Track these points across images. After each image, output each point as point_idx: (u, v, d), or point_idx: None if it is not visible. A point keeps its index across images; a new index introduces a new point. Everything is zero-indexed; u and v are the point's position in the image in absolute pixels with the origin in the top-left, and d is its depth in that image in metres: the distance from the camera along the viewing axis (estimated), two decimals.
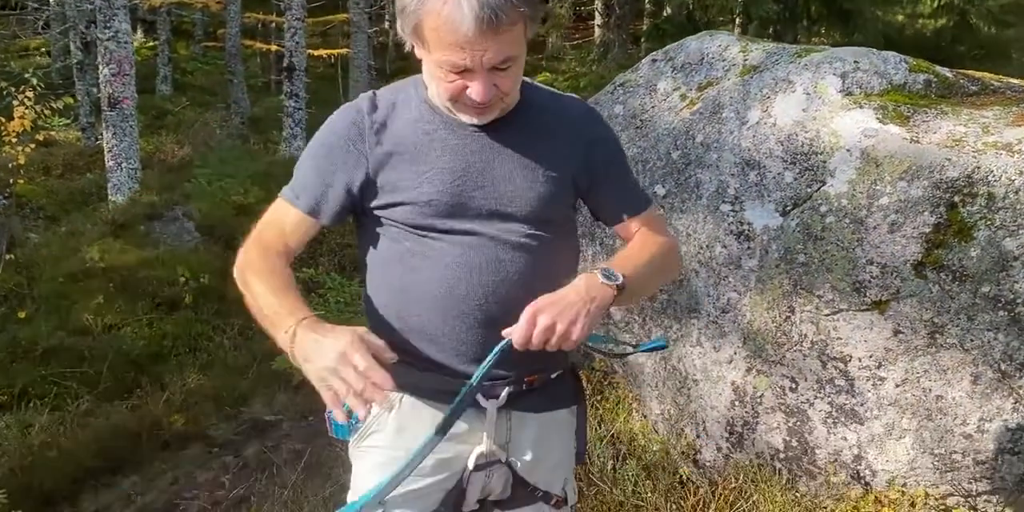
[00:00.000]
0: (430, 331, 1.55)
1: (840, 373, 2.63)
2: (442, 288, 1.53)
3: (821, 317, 2.64)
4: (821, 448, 2.72)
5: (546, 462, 1.70)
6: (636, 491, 3.05)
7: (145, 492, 4.89)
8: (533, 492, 1.69)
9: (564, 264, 1.66)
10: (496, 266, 1.53)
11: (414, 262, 1.54)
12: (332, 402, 1.33)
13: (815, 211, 2.65)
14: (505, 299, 1.53)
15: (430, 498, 1.61)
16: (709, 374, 2.95)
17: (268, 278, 1.51)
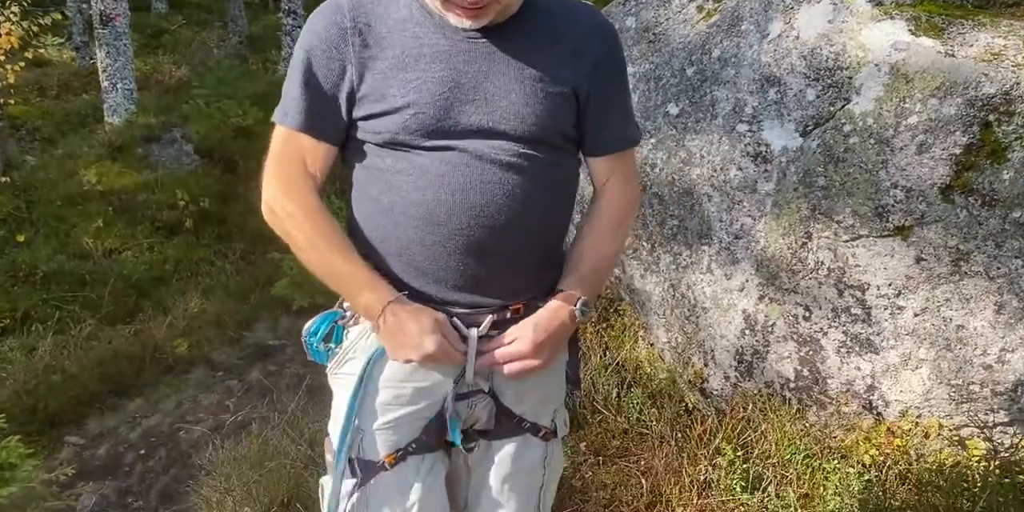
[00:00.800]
0: (411, 256, 1.45)
1: (857, 302, 2.53)
2: (421, 210, 1.41)
3: (839, 243, 2.52)
4: (833, 378, 2.64)
5: (534, 393, 1.61)
6: (641, 419, 2.99)
7: (149, 415, 4.91)
8: (519, 423, 1.61)
9: (561, 191, 1.53)
10: (482, 188, 1.40)
11: (395, 181, 1.42)
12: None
13: (838, 131, 2.49)
14: (492, 225, 1.42)
15: (410, 426, 1.53)
16: (719, 302, 2.85)
17: (321, 235, 1.45)
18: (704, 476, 2.66)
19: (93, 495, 4.15)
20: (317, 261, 1.44)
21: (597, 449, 2.96)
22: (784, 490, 2.53)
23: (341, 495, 1.53)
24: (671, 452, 2.81)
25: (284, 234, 1.46)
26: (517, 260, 1.47)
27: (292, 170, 1.46)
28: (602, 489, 2.78)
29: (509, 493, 1.64)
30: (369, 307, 1.42)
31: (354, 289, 1.44)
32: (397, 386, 1.50)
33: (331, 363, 1.54)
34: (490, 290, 1.47)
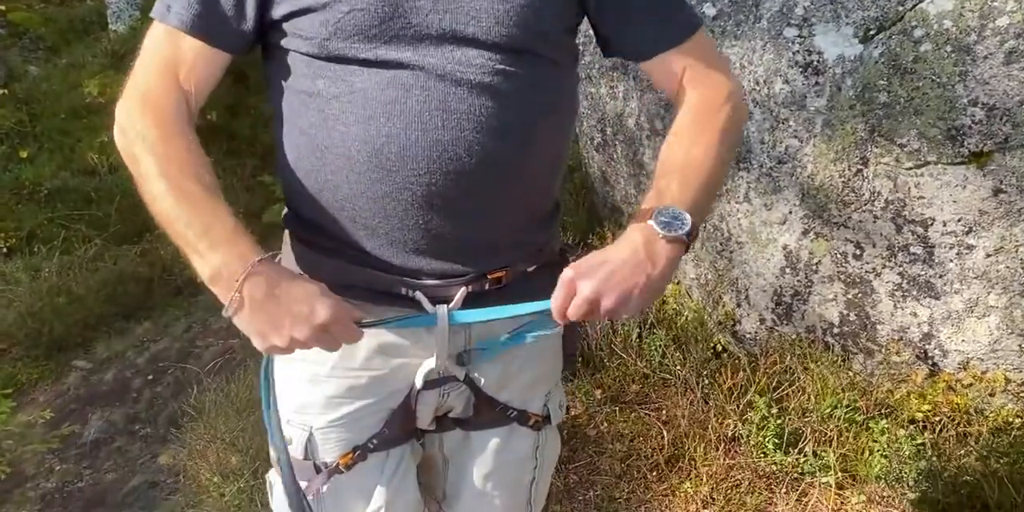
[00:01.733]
0: (356, 211, 1.11)
1: (918, 239, 2.17)
2: (365, 150, 1.07)
3: (901, 171, 2.14)
4: (884, 324, 2.32)
5: (521, 377, 1.32)
6: (664, 363, 2.71)
7: (158, 339, 4.77)
8: (504, 412, 1.32)
9: (552, 119, 1.17)
10: (444, 117, 1.05)
11: (330, 110, 1.08)
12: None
13: (906, 36, 2.08)
14: (460, 170, 1.07)
15: (370, 419, 1.25)
16: (757, 236, 2.50)
17: (176, 164, 1.03)
18: (732, 431, 2.39)
19: (100, 421, 4.04)
20: (162, 199, 1.01)
21: (614, 395, 2.69)
22: (823, 450, 2.25)
23: (290, 501, 1.27)
24: (696, 401, 2.53)
25: (130, 160, 1.07)
26: (495, 214, 1.14)
27: (160, 82, 1.09)
28: (619, 440, 2.53)
29: (493, 491, 1.37)
30: (223, 270, 0.98)
31: (204, 243, 0.98)
32: (349, 375, 1.21)
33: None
34: (462, 254, 1.15)
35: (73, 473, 3.61)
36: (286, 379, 1.24)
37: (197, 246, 0.98)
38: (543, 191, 1.22)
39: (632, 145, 2.91)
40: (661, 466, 2.41)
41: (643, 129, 2.82)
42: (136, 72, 1.11)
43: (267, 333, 0.99)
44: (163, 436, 3.65)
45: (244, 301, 0.97)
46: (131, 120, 1.07)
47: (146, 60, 1.11)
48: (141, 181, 1.04)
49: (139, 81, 1.10)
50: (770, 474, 2.31)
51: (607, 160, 3.16)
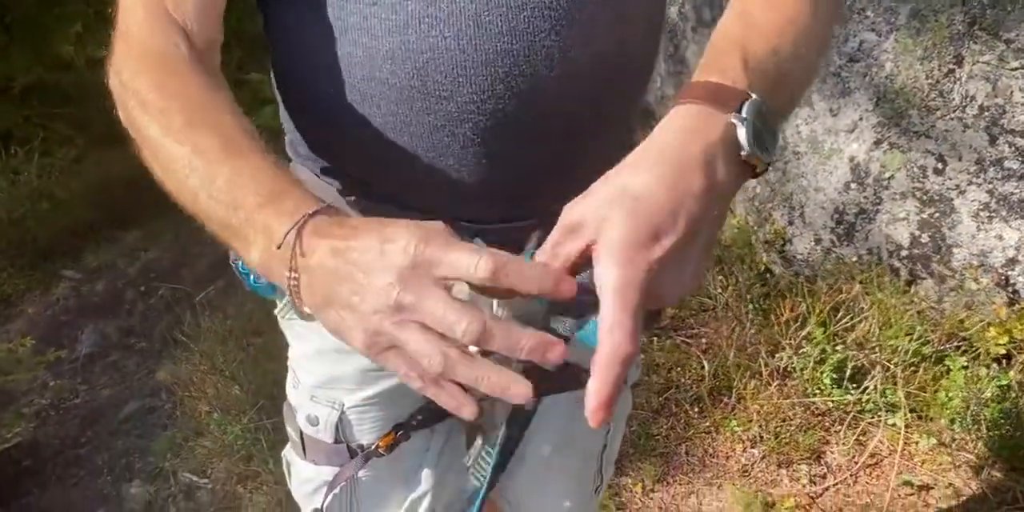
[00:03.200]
0: (393, 149, 0.80)
1: (1015, 152, 1.88)
2: (402, 71, 0.75)
3: (1004, 72, 1.82)
4: (962, 247, 2.05)
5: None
6: (703, 286, 2.46)
7: (149, 248, 4.57)
8: (575, 372, 1.06)
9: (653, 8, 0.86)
10: (512, 17, 0.73)
11: (348, 16, 0.75)
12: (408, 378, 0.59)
13: None
14: (535, 89, 0.76)
15: (411, 397, 0.99)
16: (819, 146, 2.19)
17: (180, 121, 0.68)
18: (785, 364, 2.16)
19: (93, 334, 3.86)
20: (174, 167, 0.67)
21: (646, 321, 2.45)
22: (888, 387, 2.03)
23: (315, 485, 1.03)
24: (738, 329, 2.30)
25: (132, 128, 0.73)
26: (583, 140, 0.84)
27: (145, 22, 0.76)
28: (655, 371, 2.31)
29: (560, 466, 1.14)
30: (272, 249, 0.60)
31: (238, 216, 0.62)
32: None
33: (281, 302, 0.96)
34: (536, 193, 0.84)
35: (68, 389, 3.44)
36: (306, 346, 0.98)
37: (231, 222, 0.63)
38: (634, 100, 0.92)
39: (674, 38, 2.56)
40: (703, 400, 2.20)
41: (687, 20, 2.46)
42: (119, 20, 0.79)
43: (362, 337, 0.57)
44: (159, 351, 3.46)
45: (307, 287, 0.59)
46: (120, 78, 0.76)
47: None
48: (146, 151, 0.72)
49: (121, 29, 0.78)
50: (825, 412, 2.10)
51: None
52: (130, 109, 0.72)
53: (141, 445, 2.70)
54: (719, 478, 2.05)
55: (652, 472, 2.07)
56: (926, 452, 1.96)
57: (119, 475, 2.62)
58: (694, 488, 2.04)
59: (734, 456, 2.10)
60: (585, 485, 1.21)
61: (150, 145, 0.70)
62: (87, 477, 2.70)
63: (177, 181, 0.67)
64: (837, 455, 2.04)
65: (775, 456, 2.06)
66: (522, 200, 0.86)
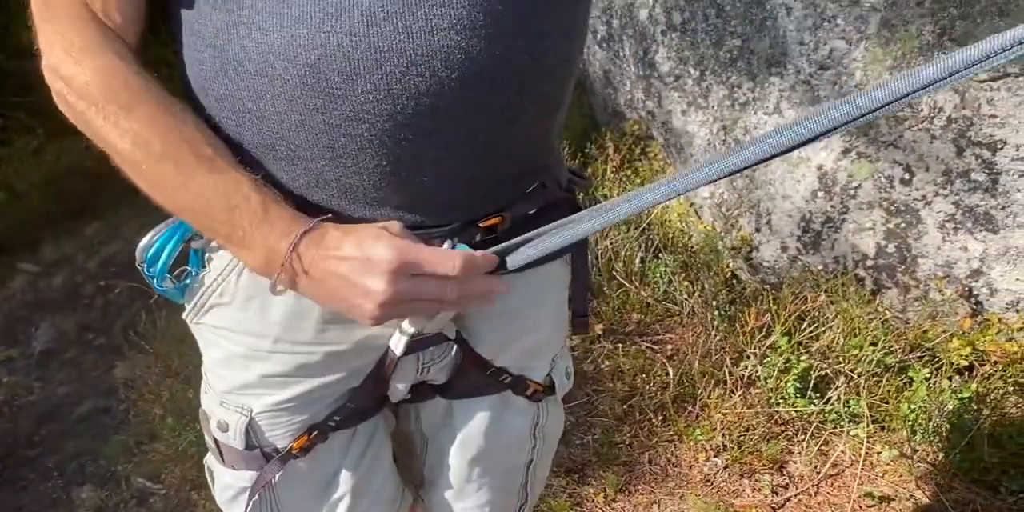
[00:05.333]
0: (290, 150, 0.77)
1: (982, 164, 1.87)
2: (295, 68, 0.71)
3: (972, 84, 1.82)
4: (927, 258, 2.05)
5: (525, 340, 1.03)
6: (669, 292, 2.44)
7: (109, 241, 4.47)
8: (496, 376, 1.04)
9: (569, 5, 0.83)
10: (408, 12, 0.70)
11: (241, 9, 0.71)
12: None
13: None
14: (432, 89, 0.73)
15: (327, 400, 0.96)
16: (787, 154, 2.18)
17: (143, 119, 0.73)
18: (749, 372, 2.15)
19: (50, 329, 3.78)
20: (152, 175, 0.75)
21: (613, 327, 2.43)
22: (853, 398, 2.02)
23: (235, 491, 1.00)
24: (703, 335, 2.28)
25: (86, 128, 0.77)
26: (488, 144, 0.80)
27: (74, 27, 0.75)
28: (619, 378, 2.29)
29: (482, 477, 1.11)
30: (274, 251, 0.73)
31: (233, 240, 0.75)
32: (298, 351, 0.90)
33: (189, 306, 0.92)
34: (441, 200, 0.82)
35: (23, 386, 3.36)
36: (216, 351, 0.94)
37: (229, 237, 0.76)
38: (552, 106, 0.87)
39: (643, 41, 2.53)
40: (667, 408, 2.18)
41: (657, 23, 2.43)
42: (41, 30, 0.77)
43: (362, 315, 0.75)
44: (118, 347, 3.38)
45: (307, 288, 0.76)
46: (67, 70, 0.75)
47: (42, 6, 0.76)
48: (109, 151, 0.77)
49: (51, 36, 0.76)
50: (788, 422, 2.09)
51: (611, 57, 2.78)
52: (82, 110, 0.76)
53: (94, 447, 2.64)
54: (681, 488, 2.03)
55: (614, 481, 2.04)
56: (888, 463, 1.96)
57: (70, 479, 2.55)
58: (656, 498, 2.02)
59: (697, 465, 2.08)
60: (509, 499, 1.18)
61: (111, 147, 0.76)
62: (37, 480, 2.62)
63: (154, 179, 0.76)
64: (800, 465, 2.03)
65: (738, 466, 2.04)
66: (424, 208, 0.82)
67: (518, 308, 0.99)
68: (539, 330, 1.05)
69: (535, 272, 0.94)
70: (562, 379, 1.14)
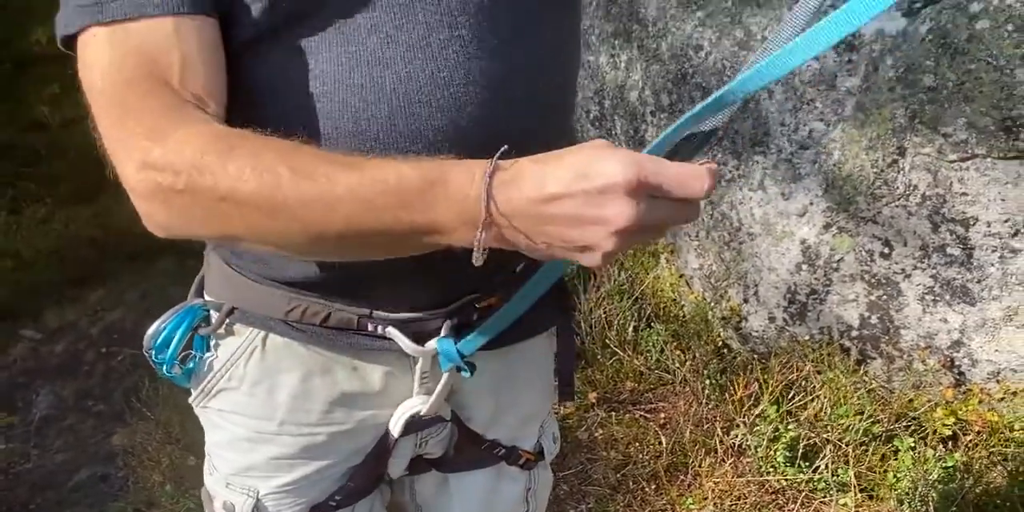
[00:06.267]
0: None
1: (956, 239, 1.96)
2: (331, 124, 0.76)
3: (943, 164, 1.92)
4: (910, 329, 2.12)
5: (514, 412, 1.09)
6: (661, 361, 2.50)
7: (112, 308, 4.52)
8: (491, 450, 1.09)
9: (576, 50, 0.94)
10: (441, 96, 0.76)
11: (279, 84, 0.77)
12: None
13: (960, 11, 1.84)
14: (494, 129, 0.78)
15: (329, 480, 1.02)
16: (772, 227, 2.27)
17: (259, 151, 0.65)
18: (740, 441, 2.19)
19: (50, 396, 3.79)
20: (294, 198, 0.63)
21: (608, 395, 2.48)
22: (842, 467, 2.06)
23: None
24: (696, 404, 2.33)
25: (202, 205, 0.67)
26: None
27: (156, 102, 0.69)
28: (613, 446, 2.33)
29: None
30: (464, 210, 0.62)
31: (403, 202, 0.62)
32: (303, 432, 0.96)
33: (196, 391, 0.98)
34: (450, 274, 0.86)
35: (19, 453, 3.36)
36: (221, 434, 1.00)
37: (411, 225, 0.63)
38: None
39: (634, 120, 2.66)
40: (660, 476, 2.21)
41: (647, 104, 2.56)
42: (105, 107, 0.72)
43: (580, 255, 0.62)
44: (118, 413, 3.41)
45: (515, 236, 0.62)
46: (167, 157, 0.67)
47: (112, 82, 0.71)
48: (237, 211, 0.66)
49: (129, 127, 0.69)
50: (779, 490, 2.12)
51: (604, 136, 2.90)
52: (206, 183, 0.65)
53: None
54: None
55: None
56: None
57: None
58: None
59: None
60: None
61: (257, 200, 0.64)
62: None
63: (318, 200, 0.63)
64: None
65: None
66: (437, 286, 0.89)
67: (506, 383, 1.05)
68: (528, 402, 1.11)
69: (521, 347, 1.01)
70: (550, 444, 1.20)
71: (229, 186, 0.64)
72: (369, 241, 0.66)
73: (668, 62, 2.44)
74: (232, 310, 0.92)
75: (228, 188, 0.64)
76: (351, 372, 0.94)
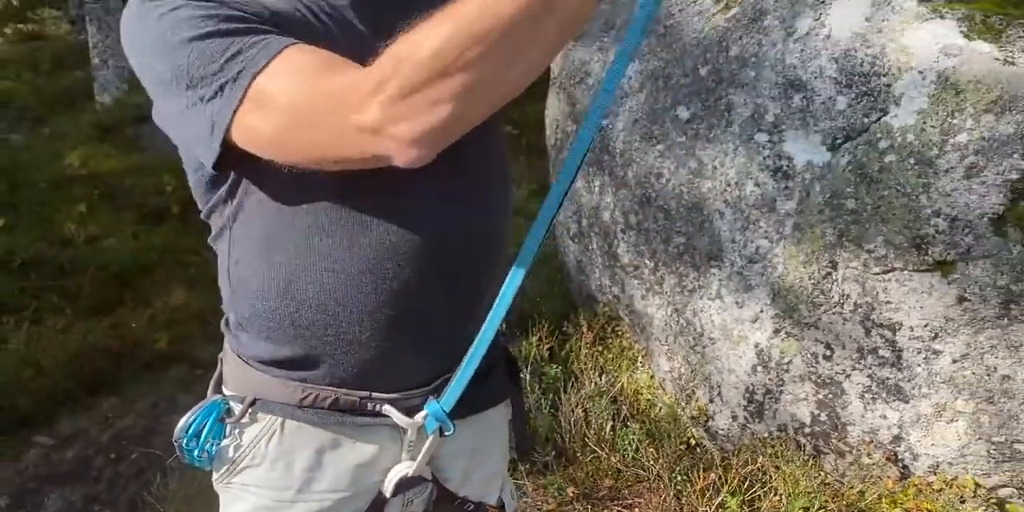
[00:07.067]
0: (340, 326, 1.08)
1: (886, 343, 2.21)
2: (360, 267, 1.05)
3: (869, 276, 2.19)
4: (855, 425, 2.33)
5: (481, 471, 1.32)
6: (637, 458, 2.69)
7: (124, 415, 4.68)
8: (462, 506, 1.31)
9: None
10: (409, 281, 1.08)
11: (321, 240, 1.03)
12: None
13: (872, 147, 2.16)
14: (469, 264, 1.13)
15: None
16: (729, 333, 2.53)
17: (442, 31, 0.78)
18: None
19: (58, 501, 3.93)
20: (506, 8, 0.75)
21: (587, 492, 2.66)
22: None
23: None
24: (668, 499, 2.51)
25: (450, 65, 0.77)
26: (483, 303, 1.10)
27: (345, 73, 0.86)
28: None
29: None
30: None
31: None
32: (314, 498, 1.18)
33: (220, 470, 1.19)
34: (443, 356, 1.14)
35: None
36: (242, 505, 1.19)
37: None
38: (503, 262, 1.19)
39: (607, 237, 2.96)
40: None
41: (617, 223, 2.87)
42: (313, 93, 0.86)
43: None
44: None
45: None
46: (386, 92, 0.80)
47: (308, 81, 0.86)
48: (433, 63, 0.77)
49: (330, 85, 0.85)
50: None
51: (583, 250, 3.21)
52: (398, 78, 0.78)
53: None
54: None
55: None
56: None
57: None
58: None
59: None
60: None
61: (447, 43, 0.76)
62: None
63: (480, 25, 0.75)
64: None
65: None
66: (432, 363, 1.15)
67: (475, 446, 1.29)
68: (492, 462, 1.34)
69: (485, 415, 1.26)
70: (509, 499, 1.41)
71: (424, 50, 0.76)
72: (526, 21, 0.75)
73: (634, 187, 2.77)
74: (254, 401, 1.14)
75: (427, 51, 0.76)
76: (353, 445, 1.16)
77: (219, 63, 0.88)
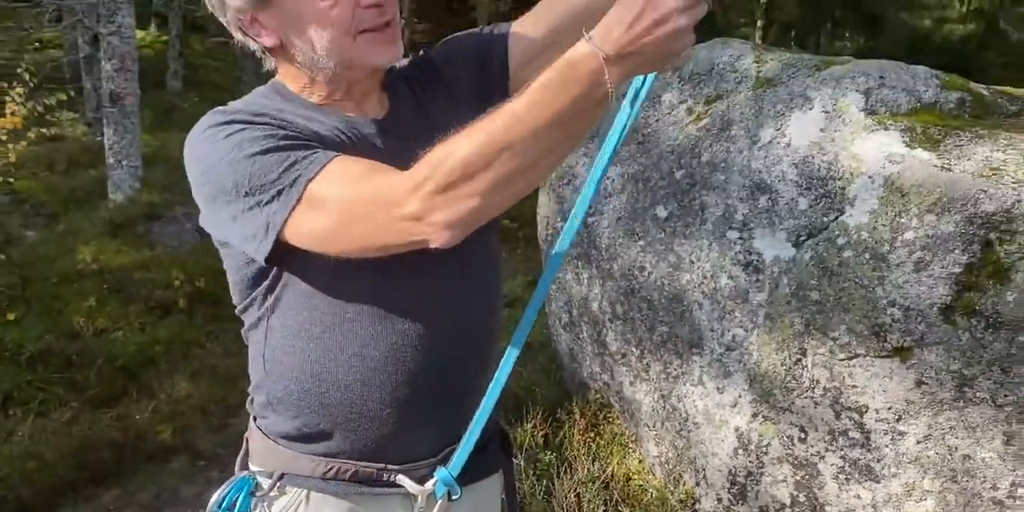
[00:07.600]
0: (364, 406, 1.26)
1: (855, 425, 2.36)
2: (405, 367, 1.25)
3: (835, 362, 2.37)
4: (831, 505, 2.45)
5: None
6: None
7: (125, 507, 4.73)
8: None
9: None
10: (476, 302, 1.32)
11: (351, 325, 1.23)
12: None
13: (831, 243, 2.38)
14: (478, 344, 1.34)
15: None
16: (711, 417, 2.68)
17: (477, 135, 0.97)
18: None
19: None
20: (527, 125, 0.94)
21: None
22: None
23: None
24: None
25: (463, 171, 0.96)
26: (486, 379, 1.26)
27: (387, 176, 1.05)
28: None
29: None
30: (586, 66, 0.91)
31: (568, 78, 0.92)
32: None
33: None
34: (452, 428, 1.29)
35: None
36: None
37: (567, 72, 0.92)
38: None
39: (596, 326, 3.15)
40: None
41: (605, 313, 3.06)
42: (355, 201, 1.06)
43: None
44: None
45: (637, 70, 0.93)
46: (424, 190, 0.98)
47: (352, 187, 1.06)
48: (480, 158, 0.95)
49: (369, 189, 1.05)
50: None
51: (574, 338, 3.38)
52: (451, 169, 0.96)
53: None
54: None
55: None
56: None
57: None
58: None
59: None
60: None
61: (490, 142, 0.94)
62: None
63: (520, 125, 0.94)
64: None
65: None
66: (444, 435, 1.31)
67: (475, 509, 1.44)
68: None
69: (483, 483, 1.42)
70: None
71: (458, 156, 0.95)
72: (566, 118, 0.94)
73: (619, 280, 2.98)
74: (282, 476, 1.30)
75: (460, 157, 0.95)
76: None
77: (277, 173, 1.07)
